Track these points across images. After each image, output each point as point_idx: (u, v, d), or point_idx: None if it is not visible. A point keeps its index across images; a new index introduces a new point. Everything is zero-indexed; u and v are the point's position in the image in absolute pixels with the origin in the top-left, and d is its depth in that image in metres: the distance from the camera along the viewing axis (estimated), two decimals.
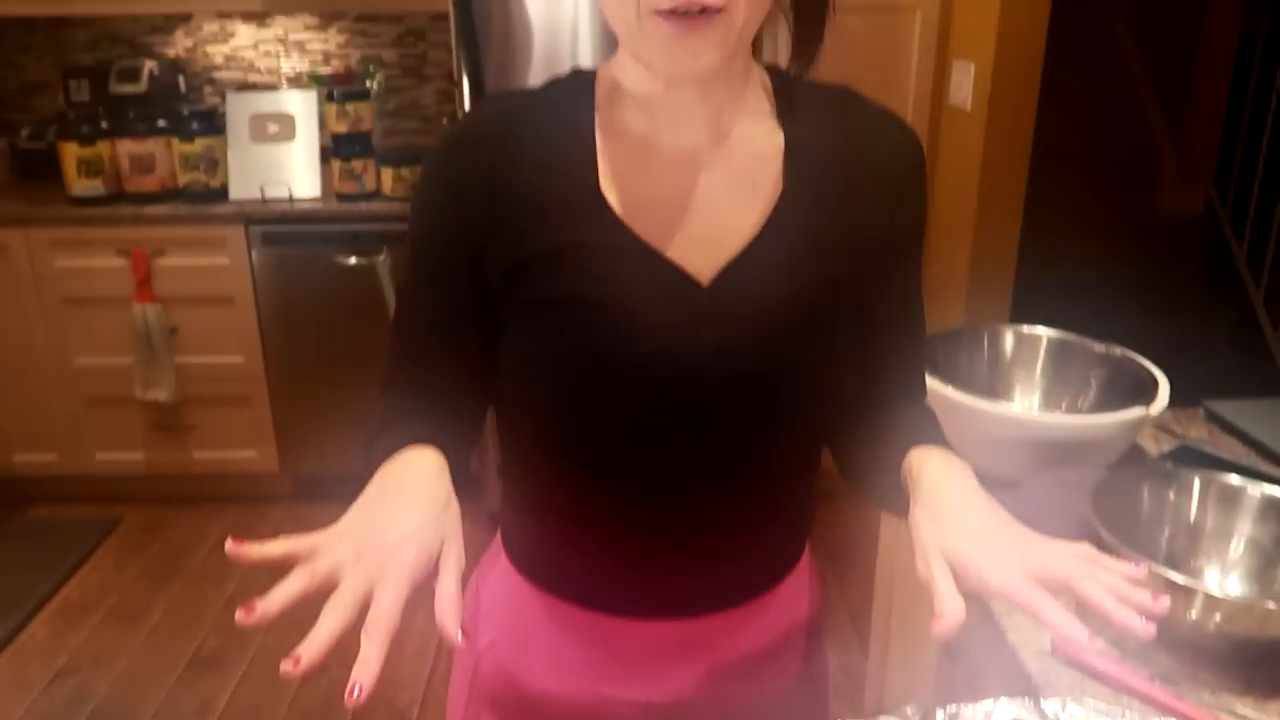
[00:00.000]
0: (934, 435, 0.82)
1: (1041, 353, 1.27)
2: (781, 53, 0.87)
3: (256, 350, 2.81)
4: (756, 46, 0.85)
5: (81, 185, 2.65)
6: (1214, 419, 1.31)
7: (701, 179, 0.80)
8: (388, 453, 0.74)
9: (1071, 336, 1.25)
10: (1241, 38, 3.57)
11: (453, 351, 0.84)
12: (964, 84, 2.44)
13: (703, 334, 0.78)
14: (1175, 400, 1.17)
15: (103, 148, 2.64)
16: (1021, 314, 2.58)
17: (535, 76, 2.41)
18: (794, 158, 0.81)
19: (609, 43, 0.93)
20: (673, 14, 0.69)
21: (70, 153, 2.62)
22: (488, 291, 0.81)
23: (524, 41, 2.38)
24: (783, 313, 0.79)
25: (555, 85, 0.84)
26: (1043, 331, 1.27)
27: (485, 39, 2.38)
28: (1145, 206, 3.87)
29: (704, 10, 0.68)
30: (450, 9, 2.41)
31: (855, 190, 0.82)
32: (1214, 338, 3.46)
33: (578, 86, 0.83)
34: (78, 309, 2.76)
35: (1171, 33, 3.78)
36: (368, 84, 2.99)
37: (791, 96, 0.84)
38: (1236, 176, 3.52)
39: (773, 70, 0.86)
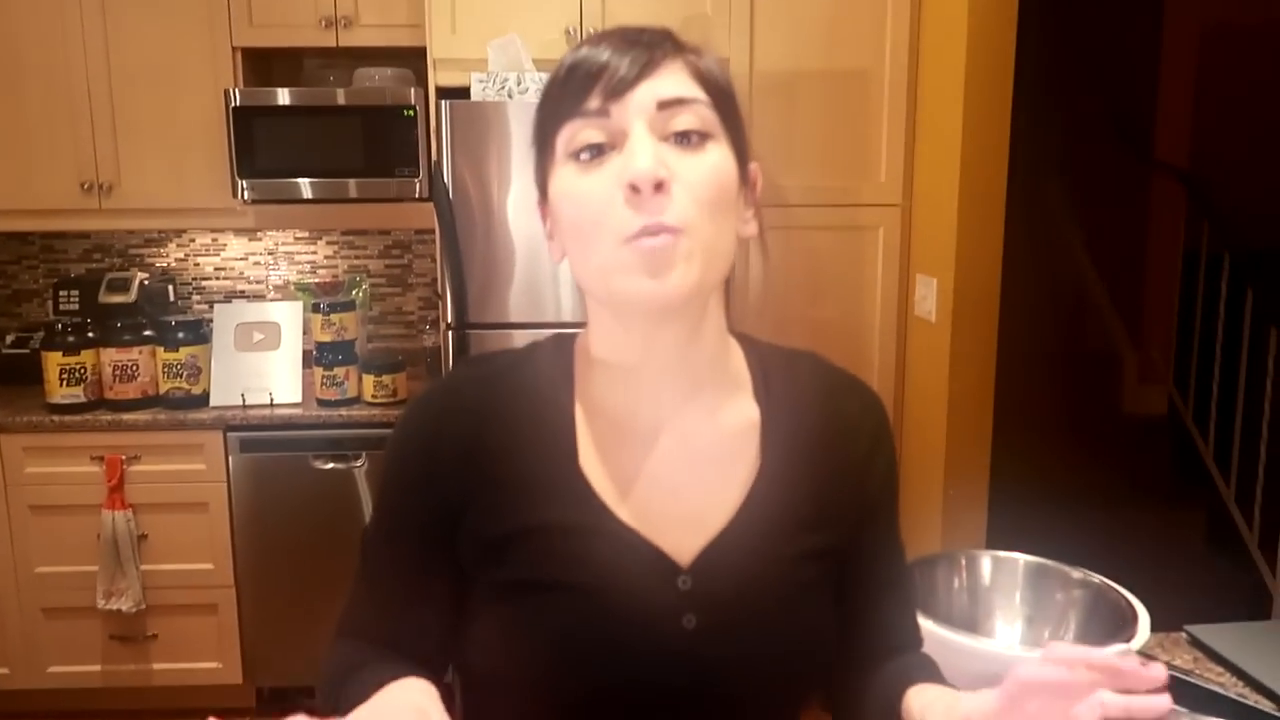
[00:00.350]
0: (935, 679, 0.81)
1: (1020, 579, 1.27)
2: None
3: (227, 557, 2.75)
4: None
5: (61, 393, 2.66)
6: (1198, 645, 1.30)
7: (681, 456, 0.80)
8: (375, 684, 0.71)
9: (1049, 563, 1.26)
10: (1185, 253, 3.77)
11: (415, 608, 0.81)
12: (928, 297, 2.54)
13: (684, 619, 0.76)
14: (1157, 623, 1.16)
15: (86, 356, 2.68)
16: (997, 520, 2.60)
17: (517, 288, 2.50)
18: (770, 433, 0.82)
19: None
20: (638, 242, 0.70)
21: (53, 361, 2.64)
22: (453, 558, 0.80)
23: (506, 256, 2.48)
24: (765, 593, 0.78)
25: (535, 353, 0.85)
26: (1020, 557, 1.28)
27: (469, 254, 2.48)
28: (1110, 407, 3.97)
29: (667, 230, 0.70)
30: (436, 227, 2.52)
31: (827, 461, 0.83)
32: (1188, 538, 3.47)
33: (556, 356, 0.84)
34: (45, 516, 2.71)
35: (1121, 242, 4.00)
36: (354, 293, 3.08)
37: (766, 369, 0.85)
38: (1195, 377, 3.64)
39: (744, 339, 0.88)
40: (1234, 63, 3.75)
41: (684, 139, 0.73)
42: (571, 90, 0.73)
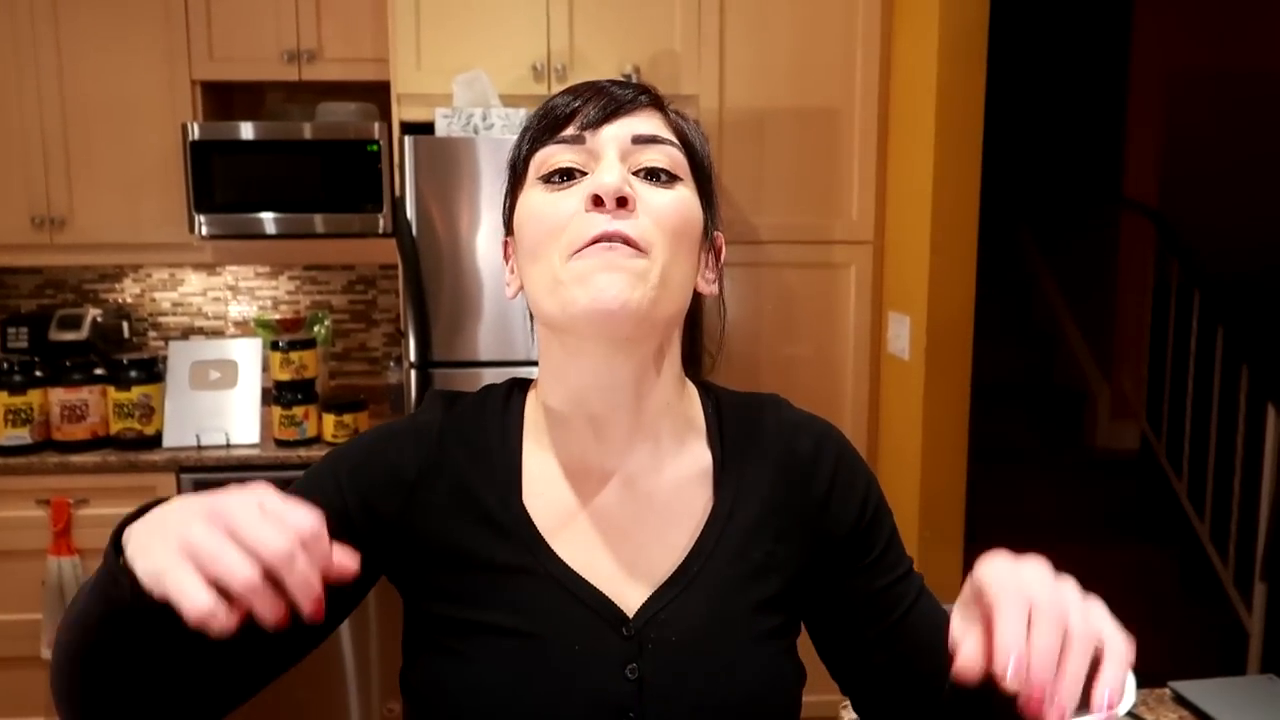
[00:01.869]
0: None
1: None
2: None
3: None
4: (690, 364, 0.85)
5: (6, 434, 2.56)
6: (1182, 702, 1.25)
7: (630, 501, 0.78)
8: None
9: None
10: (1156, 286, 3.79)
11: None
12: (901, 335, 2.51)
13: (628, 669, 0.73)
14: (1138, 672, 1.11)
15: (34, 396, 2.58)
16: (972, 560, 2.55)
17: (486, 326, 2.44)
18: (723, 478, 0.80)
19: None
20: (594, 246, 0.70)
21: None
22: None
23: (473, 293, 2.42)
24: (714, 643, 0.75)
25: (489, 394, 0.84)
26: None
27: (435, 291, 2.42)
28: (1082, 444, 3.95)
29: (625, 241, 0.70)
30: (399, 262, 2.46)
31: (785, 505, 0.80)
32: (1162, 576, 3.45)
33: (509, 398, 0.83)
34: None
35: (1092, 278, 4.01)
36: (315, 329, 3.01)
37: (722, 414, 0.84)
38: (1168, 413, 3.63)
39: (704, 385, 0.86)
40: (1200, 103, 3.79)
41: (654, 175, 0.74)
42: (549, 122, 0.76)
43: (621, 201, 0.70)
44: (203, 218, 2.66)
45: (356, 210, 2.69)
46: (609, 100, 0.75)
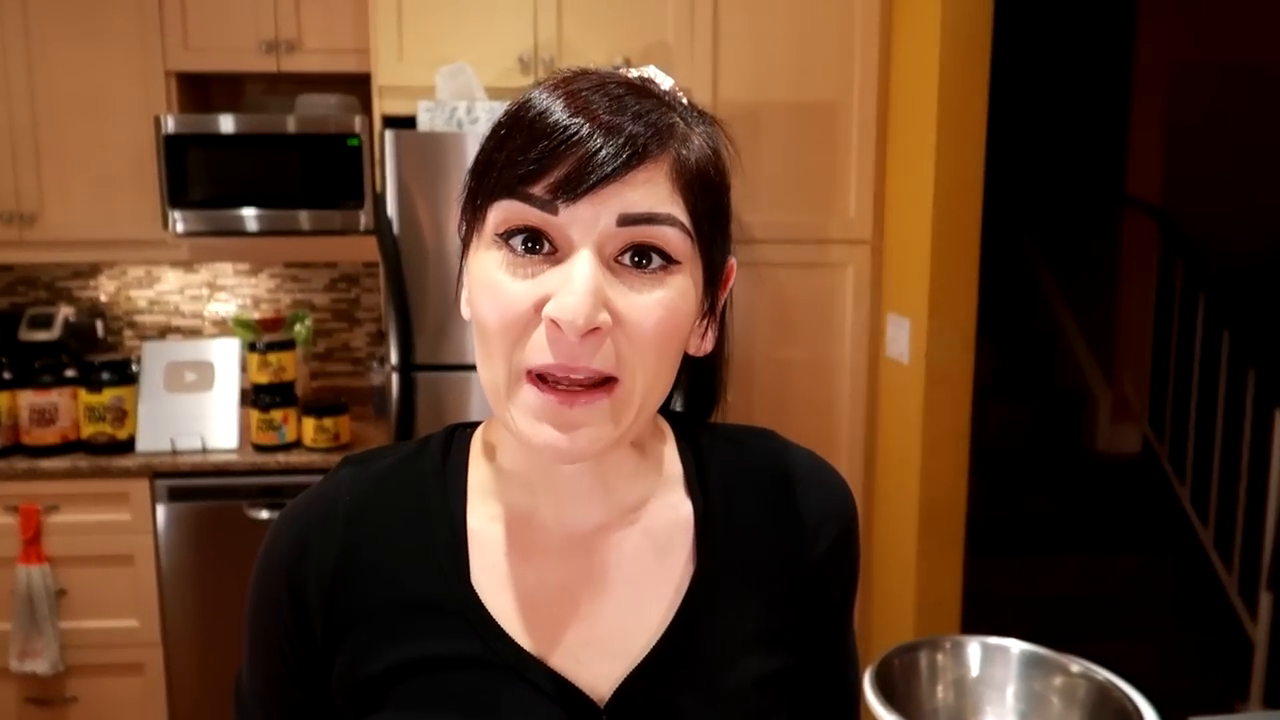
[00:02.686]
0: None
1: (1012, 669, 1.13)
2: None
3: (154, 613, 2.57)
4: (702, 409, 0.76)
5: None
6: None
7: (596, 568, 0.66)
8: None
9: (1045, 652, 1.12)
10: (1159, 286, 3.71)
11: None
12: (900, 338, 2.43)
13: None
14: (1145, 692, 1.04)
15: (1, 399, 2.48)
16: (973, 569, 2.48)
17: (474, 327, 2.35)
18: (707, 530, 0.68)
19: None
20: (548, 384, 0.57)
21: None
22: (327, 700, 0.67)
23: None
24: None
25: (424, 450, 0.70)
26: (1012, 645, 1.14)
27: (420, 290, 2.33)
28: (1082, 447, 3.88)
29: (594, 384, 0.58)
30: (380, 261, 2.37)
31: (781, 564, 0.69)
32: (1164, 583, 3.38)
33: (447, 455, 0.69)
34: None
35: (1093, 279, 3.94)
36: (297, 328, 2.92)
37: (701, 457, 0.71)
38: (1171, 416, 3.56)
39: (678, 420, 0.73)
40: (1205, 99, 3.72)
41: (643, 260, 0.59)
42: (523, 157, 0.58)
43: (591, 330, 0.57)
44: (177, 214, 2.57)
45: (337, 206, 2.60)
46: (602, 157, 0.57)
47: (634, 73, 0.64)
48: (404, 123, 2.37)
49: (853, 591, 0.75)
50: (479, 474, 0.69)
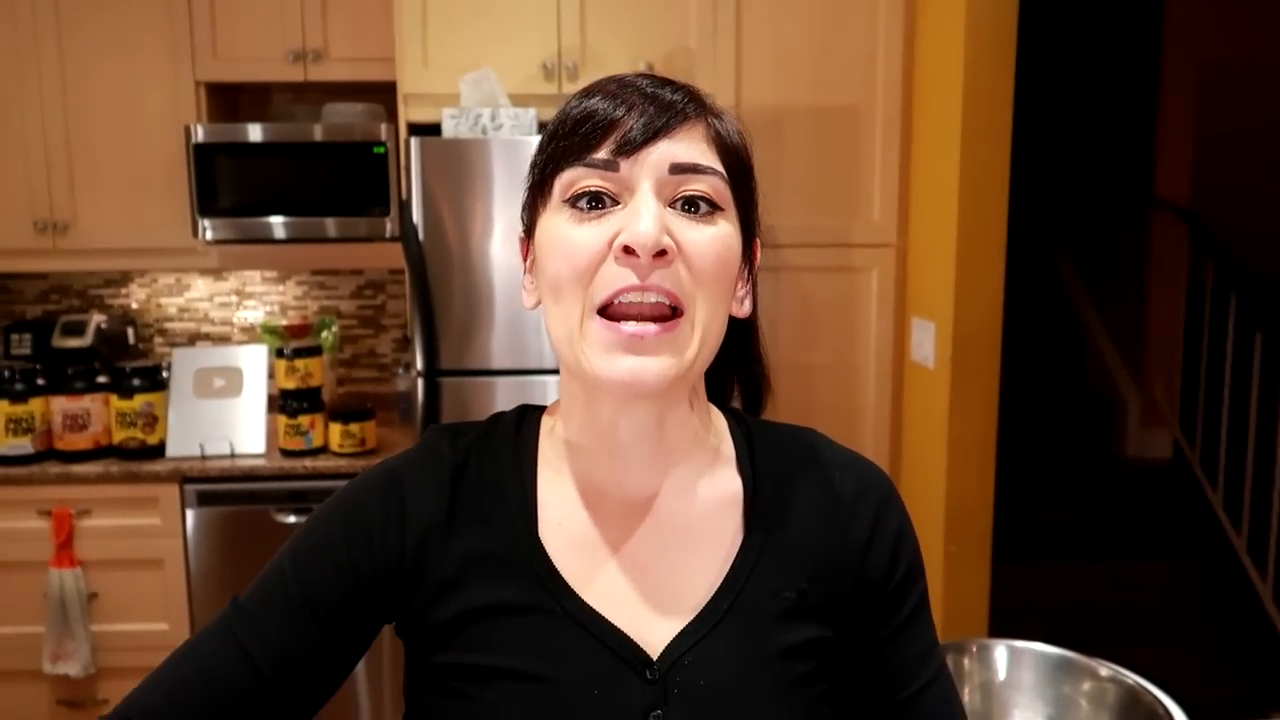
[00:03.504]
0: None
1: (1040, 673, 1.12)
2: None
3: (183, 617, 2.59)
4: (717, 393, 0.81)
5: (8, 444, 2.51)
6: None
7: (653, 532, 0.72)
8: None
9: (1073, 655, 1.11)
10: (1189, 289, 3.67)
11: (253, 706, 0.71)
12: (925, 342, 2.42)
13: (651, 716, 0.67)
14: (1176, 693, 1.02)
15: (35, 405, 2.52)
16: (1000, 576, 2.45)
17: (499, 334, 2.36)
18: (755, 505, 0.74)
19: None
20: (620, 316, 0.64)
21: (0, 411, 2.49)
22: (328, 655, 0.72)
23: (485, 300, 2.35)
24: (744, 688, 0.68)
25: (498, 424, 0.78)
26: (1039, 648, 1.13)
27: (445, 297, 2.34)
28: (1112, 453, 3.84)
29: (659, 316, 0.64)
30: (406, 267, 2.39)
31: (820, 542, 0.74)
32: (1196, 591, 3.33)
33: (519, 428, 0.77)
34: None
35: (1122, 282, 3.90)
36: (323, 334, 2.94)
37: (752, 442, 0.77)
38: (1202, 421, 3.51)
39: (732, 414, 0.80)
40: (1234, 98, 3.67)
41: (692, 206, 0.68)
42: (581, 137, 0.68)
43: (659, 253, 0.64)
44: (207, 222, 2.60)
45: (363, 214, 2.62)
46: (647, 119, 0.67)
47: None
48: (429, 130, 2.39)
49: (912, 580, 0.77)
50: (547, 446, 0.76)
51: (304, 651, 0.71)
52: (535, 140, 2.34)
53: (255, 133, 2.59)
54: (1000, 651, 1.15)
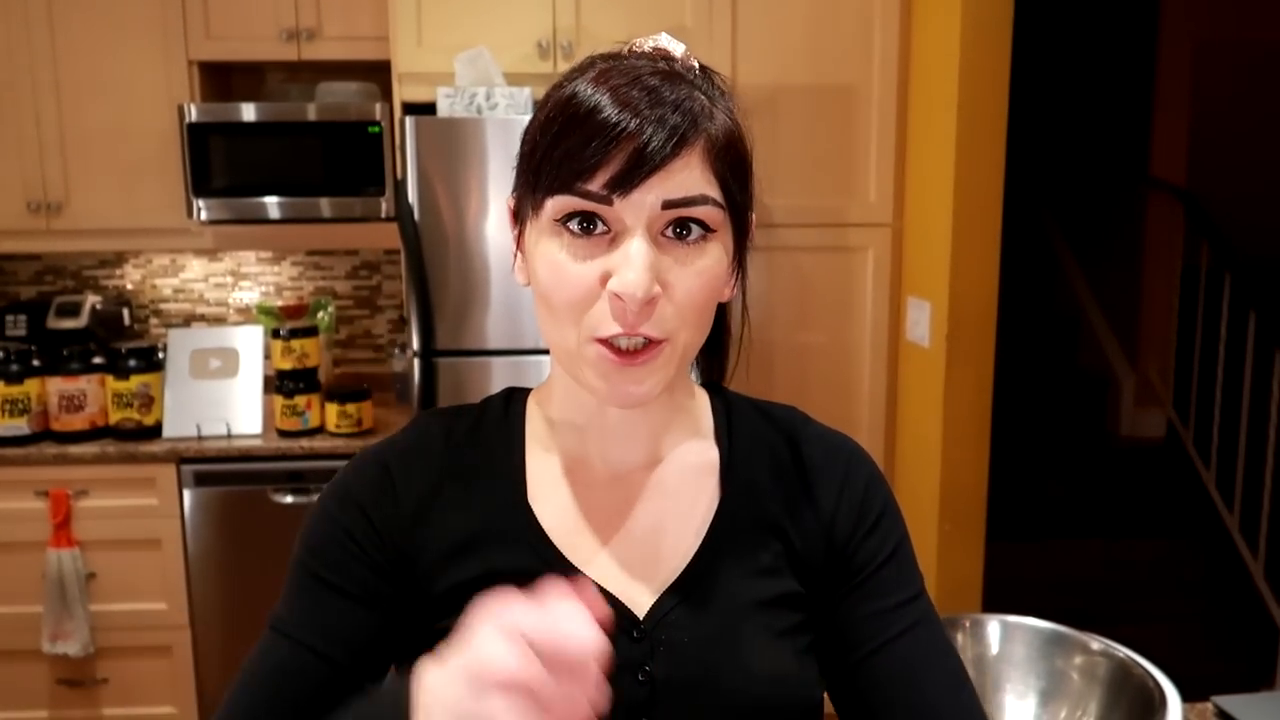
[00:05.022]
0: None
1: (1032, 648, 1.13)
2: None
3: (181, 596, 2.60)
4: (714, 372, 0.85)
5: (4, 425, 2.51)
6: (1226, 718, 1.17)
7: (635, 499, 0.77)
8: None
9: (1065, 630, 1.12)
10: (1184, 269, 3.67)
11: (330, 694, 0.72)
12: (920, 321, 2.42)
13: (639, 673, 0.71)
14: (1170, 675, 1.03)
15: (31, 386, 2.52)
16: (994, 555, 2.47)
17: (495, 313, 2.36)
18: (729, 474, 0.78)
19: None
20: (613, 348, 0.67)
21: None
22: (379, 631, 0.74)
23: (480, 280, 2.35)
24: (728, 642, 0.73)
25: (487, 405, 0.82)
26: (1031, 623, 1.14)
27: (440, 277, 2.34)
28: (1105, 431, 3.86)
29: (646, 344, 0.67)
30: (401, 247, 2.39)
31: (790, 507, 0.78)
32: (1189, 568, 3.36)
33: (507, 408, 0.81)
34: None
35: (1117, 260, 3.90)
36: (319, 315, 2.94)
37: (730, 416, 0.82)
38: (1196, 399, 3.53)
39: (715, 389, 0.84)
40: (1231, 77, 3.66)
41: (684, 231, 0.68)
42: (577, 157, 0.66)
43: (647, 300, 0.67)
44: (201, 202, 2.60)
45: (358, 194, 2.61)
46: (649, 142, 0.65)
47: (648, 44, 0.73)
48: (424, 109, 2.38)
49: (881, 535, 0.78)
50: (535, 424, 0.80)
51: (364, 625, 0.74)
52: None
53: (249, 112, 2.58)
54: (993, 626, 1.16)
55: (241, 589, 2.60)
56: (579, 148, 0.66)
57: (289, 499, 2.55)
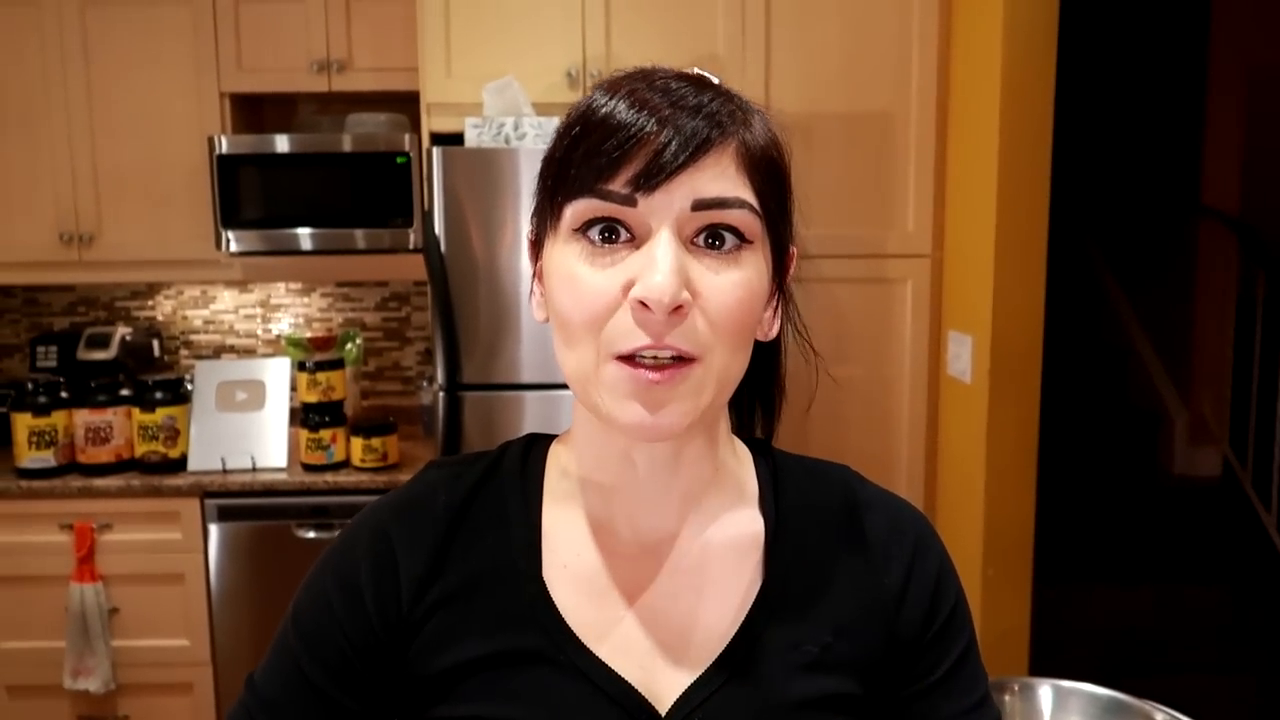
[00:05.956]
0: None
1: (1088, 717, 1.03)
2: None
3: (204, 632, 2.57)
4: (738, 418, 0.76)
5: (30, 457, 2.50)
6: None
7: (666, 576, 0.67)
8: None
9: (1125, 698, 1.03)
10: (1239, 301, 3.54)
11: None
12: (962, 356, 2.33)
13: None
14: None
15: (58, 418, 2.51)
16: (1040, 603, 2.35)
17: (527, 347, 2.31)
18: (777, 549, 0.68)
19: None
20: (636, 362, 0.59)
21: (23, 424, 2.48)
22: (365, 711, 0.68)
23: (510, 312, 2.30)
24: None
25: (504, 456, 0.74)
26: (1088, 689, 1.05)
27: (470, 309, 2.30)
28: (1157, 470, 3.71)
29: (675, 358, 0.59)
30: (428, 279, 2.35)
31: (848, 590, 0.68)
32: (1249, 615, 3.19)
33: (525, 460, 0.73)
34: (10, 588, 2.53)
35: (1168, 293, 3.78)
36: (348, 347, 2.91)
37: (777, 479, 0.72)
38: (1254, 437, 3.38)
39: (759, 447, 0.74)
40: None
41: (716, 240, 0.61)
42: (597, 156, 0.61)
43: (675, 308, 0.59)
44: (230, 233, 2.58)
45: (386, 225, 2.59)
46: (673, 146, 0.59)
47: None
48: (453, 140, 2.35)
49: (955, 629, 0.70)
50: (555, 482, 0.71)
51: None
52: None
53: (279, 143, 2.57)
54: (1045, 691, 1.07)
55: (264, 626, 2.56)
56: (597, 147, 0.61)
57: (312, 534, 2.50)
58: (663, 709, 0.64)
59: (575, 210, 0.62)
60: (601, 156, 0.60)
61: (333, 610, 0.68)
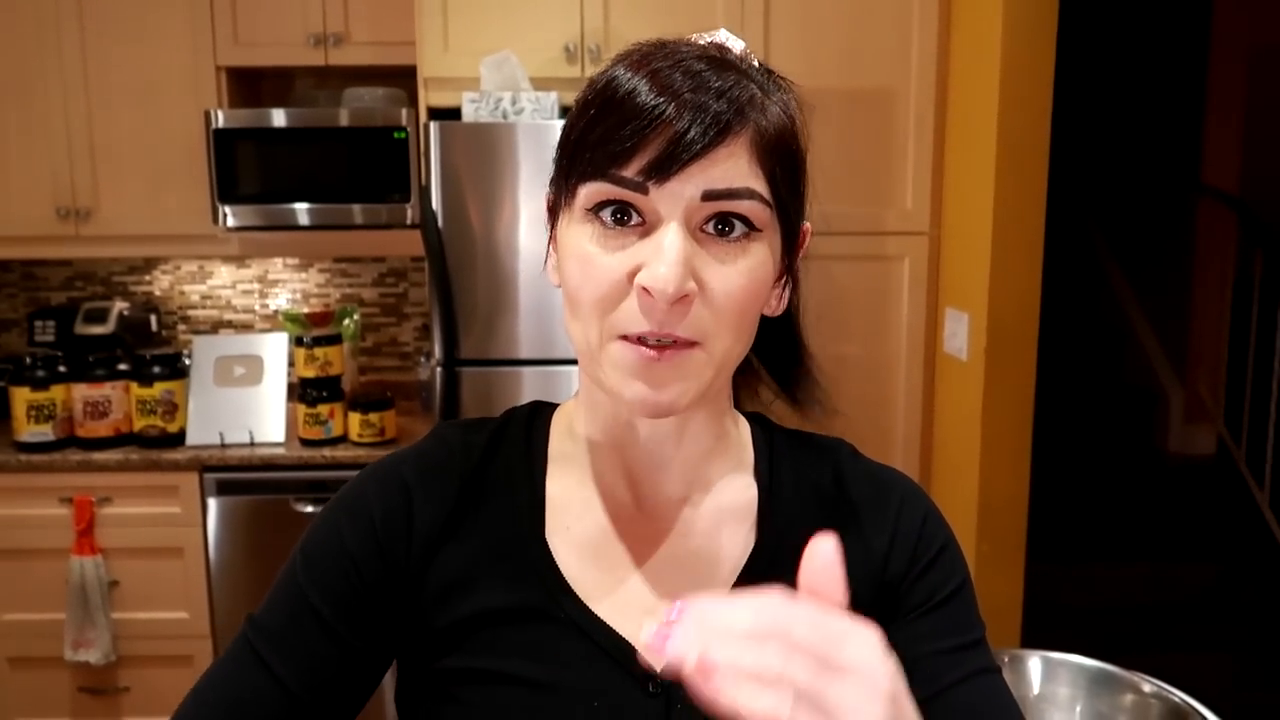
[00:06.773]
0: None
1: (1077, 687, 1.05)
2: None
3: (203, 605, 2.58)
4: (742, 393, 0.78)
5: (29, 431, 2.50)
6: None
7: (663, 539, 0.70)
8: None
9: (1113, 669, 1.04)
10: (1236, 279, 3.54)
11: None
12: (958, 333, 2.34)
13: None
14: (1227, 695, 0.95)
15: (56, 392, 2.52)
16: (1034, 579, 2.37)
17: (525, 321, 2.31)
18: (768, 513, 0.71)
19: None
20: (639, 342, 0.61)
21: (21, 398, 2.49)
22: (354, 667, 0.70)
23: (508, 287, 2.30)
24: None
25: (509, 420, 0.76)
26: (1076, 660, 1.06)
27: (467, 284, 2.30)
28: (1153, 449, 3.73)
29: (676, 342, 0.61)
30: (426, 254, 2.35)
31: (842, 549, 0.68)
32: (1241, 591, 3.22)
33: (530, 426, 0.75)
34: (10, 560, 2.55)
35: (1165, 272, 3.78)
36: (345, 322, 2.91)
37: (773, 451, 0.74)
38: (1249, 416, 3.39)
39: (759, 421, 0.77)
40: None
41: (725, 228, 0.63)
42: (612, 140, 0.62)
43: (679, 298, 0.61)
44: (227, 208, 2.58)
45: (384, 200, 2.58)
46: (689, 130, 0.60)
47: (706, 38, 0.68)
48: (450, 114, 2.34)
49: (940, 572, 0.72)
50: (560, 446, 0.74)
51: (332, 661, 0.69)
52: (557, 125, 2.29)
53: (276, 118, 2.56)
54: (1034, 663, 1.08)
55: (262, 599, 2.57)
56: (614, 131, 0.61)
57: (310, 508, 2.52)
58: (659, 667, 0.66)
59: (588, 192, 0.63)
60: (616, 142, 0.61)
61: (343, 539, 0.70)
